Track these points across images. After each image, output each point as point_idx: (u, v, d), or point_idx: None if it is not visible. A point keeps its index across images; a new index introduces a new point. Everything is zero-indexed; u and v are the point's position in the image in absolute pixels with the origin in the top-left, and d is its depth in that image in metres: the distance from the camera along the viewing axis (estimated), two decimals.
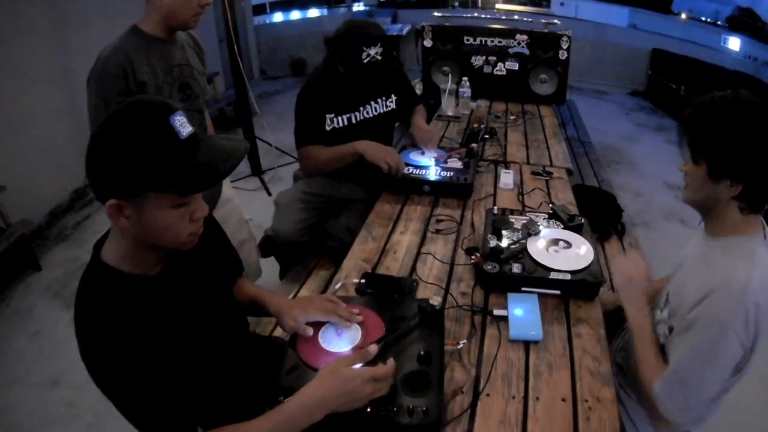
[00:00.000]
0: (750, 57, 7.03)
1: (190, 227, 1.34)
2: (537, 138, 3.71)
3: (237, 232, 2.95)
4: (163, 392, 1.27)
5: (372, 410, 1.40)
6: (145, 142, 1.20)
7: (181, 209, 1.29)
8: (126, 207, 1.23)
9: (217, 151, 1.30)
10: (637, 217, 4.80)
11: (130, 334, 1.24)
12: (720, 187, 1.54)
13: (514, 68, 4.48)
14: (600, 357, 1.74)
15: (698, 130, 1.57)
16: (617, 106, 8.33)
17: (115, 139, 1.20)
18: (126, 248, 1.33)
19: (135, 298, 1.31)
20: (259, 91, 8.56)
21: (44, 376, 3.12)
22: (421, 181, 2.74)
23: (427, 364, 1.53)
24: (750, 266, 1.48)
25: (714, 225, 1.66)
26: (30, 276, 4.12)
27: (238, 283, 1.84)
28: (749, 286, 1.44)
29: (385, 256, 2.26)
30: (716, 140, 1.51)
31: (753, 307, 1.44)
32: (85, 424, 2.71)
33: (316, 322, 1.67)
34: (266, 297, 1.77)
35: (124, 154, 1.19)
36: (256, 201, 5.06)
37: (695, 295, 1.56)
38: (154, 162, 1.20)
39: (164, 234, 1.30)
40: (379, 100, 3.03)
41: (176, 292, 1.42)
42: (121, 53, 2.16)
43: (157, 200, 1.24)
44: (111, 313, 1.26)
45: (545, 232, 2.18)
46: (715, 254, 1.62)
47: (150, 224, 1.27)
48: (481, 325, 1.87)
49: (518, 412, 1.54)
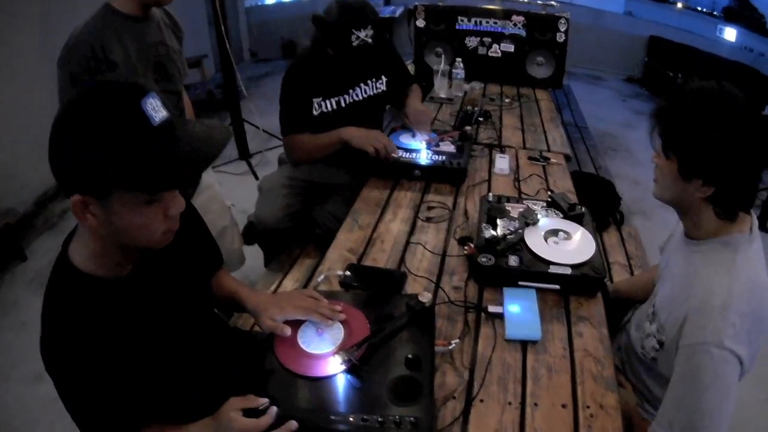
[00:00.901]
0: (746, 48, 6.99)
1: (165, 224, 1.23)
2: (533, 122, 3.62)
3: (218, 219, 2.86)
4: (106, 400, 1.23)
5: (354, 421, 1.29)
6: (112, 130, 1.08)
7: (154, 206, 1.18)
8: (92, 204, 1.12)
9: (195, 140, 1.19)
10: (634, 206, 4.71)
11: (87, 340, 1.19)
12: (691, 186, 1.44)
13: (510, 50, 4.38)
14: (603, 359, 1.64)
15: (672, 121, 1.46)
16: (614, 92, 8.29)
17: (78, 127, 1.08)
18: (94, 247, 1.24)
19: (99, 303, 1.23)
20: (250, 73, 8.45)
21: (29, 371, 3.02)
22: (411, 165, 2.64)
23: (416, 369, 1.43)
24: (731, 276, 1.41)
25: (691, 227, 1.57)
26: (15, 266, 4.01)
27: (217, 276, 1.77)
28: (732, 297, 1.37)
29: (371, 246, 2.16)
30: (690, 135, 1.41)
31: (741, 318, 1.36)
32: (70, 420, 2.57)
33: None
34: (244, 294, 1.69)
35: (88, 144, 1.07)
36: (242, 185, 4.98)
37: (678, 315, 1.48)
38: (121, 154, 1.08)
39: (135, 234, 1.20)
40: (369, 82, 2.92)
41: (147, 292, 1.34)
42: (92, 33, 2.05)
43: (126, 197, 1.13)
44: (70, 318, 1.20)
45: (544, 222, 2.07)
46: (695, 262, 1.53)
47: (119, 224, 1.16)
48: (474, 324, 1.77)
49: (515, 420, 1.44)
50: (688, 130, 1.40)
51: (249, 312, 1.65)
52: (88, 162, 1.07)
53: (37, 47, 4.42)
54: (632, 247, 3.18)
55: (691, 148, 1.41)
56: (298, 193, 2.89)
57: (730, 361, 1.35)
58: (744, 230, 1.47)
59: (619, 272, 2.93)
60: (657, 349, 1.60)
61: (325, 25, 2.58)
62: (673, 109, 1.45)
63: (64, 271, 1.25)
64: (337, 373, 1.42)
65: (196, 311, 1.55)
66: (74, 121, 1.09)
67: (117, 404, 1.24)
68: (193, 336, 1.47)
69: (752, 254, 1.44)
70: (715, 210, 1.46)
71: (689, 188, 1.45)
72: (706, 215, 1.48)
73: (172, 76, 2.37)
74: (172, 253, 1.40)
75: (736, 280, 1.39)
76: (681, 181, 1.45)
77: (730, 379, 1.36)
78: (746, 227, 1.47)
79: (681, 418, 1.40)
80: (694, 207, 1.49)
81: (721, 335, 1.34)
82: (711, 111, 1.38)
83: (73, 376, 1.20)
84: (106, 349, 1.20)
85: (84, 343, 1.19)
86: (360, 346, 1.46)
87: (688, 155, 1.42)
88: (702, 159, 1.39)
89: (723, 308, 1.36)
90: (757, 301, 1.39)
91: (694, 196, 1.45)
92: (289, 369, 1.44)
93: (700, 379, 1.36)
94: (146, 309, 1.32)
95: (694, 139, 1.39)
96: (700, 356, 1.36)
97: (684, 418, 1.39)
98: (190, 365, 1.44)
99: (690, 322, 1.41)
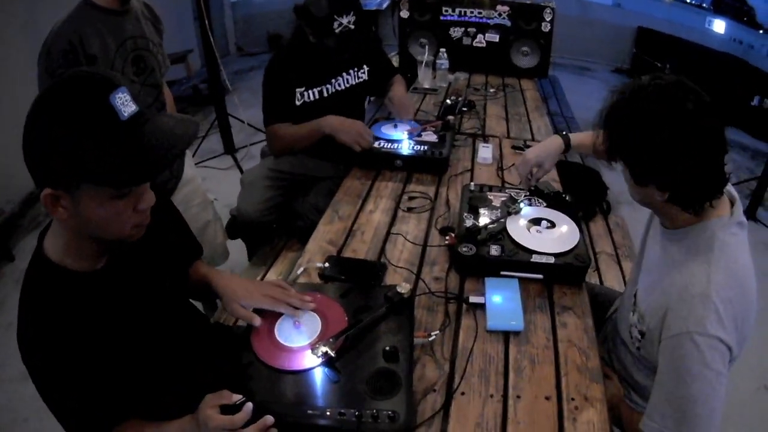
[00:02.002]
0: (735, 40, 6.98)
1: (134, 218, 1.24)
2: (518, 111, 3.59)
3: (201, 212, 2.85)
4: (83, 393, 1.24)
5: (331, 416, 1.27)
6: (81, 123, 1.08)
7: (123, 201, 1.18)
8: (63, 197, 1.13)
9: (163, 134, 1.18)
10: (622, 196, 4.64)
11: (62, 333, 1.21)
12: (648, 191, 1.41)
13: (495, 40, 4.34)
14: (587, 350, 1.61)
15: (613, 129, 1.41)
16: (601, 83, 8.23)
17: (48, 118, 1.09)
18: (67, 240, 1.25)
19: (74, 296, 1.24)
20: (236, 67, 8.43)
21: (18, 370, 2.93)
22: (392, 155, 2.61)
23: (393, 361, 1.40)
24: (708, 263, 1.37)
25: (666, 221, 1.54)
26: (3, 266, 3.98)
27: (194, 266, 1.75)
28: (711, 284, 1.34)
29: (352, 237, 2.13)
30: (629, 142, 1.37)
31: (723, 304, 1.32)
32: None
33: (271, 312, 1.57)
34: (213, 277, 1.67)
35: (58, 135, 1.08)
36: (227, 180, 4.95)
37: (658, 306, 1.46)
38: (89, 147, 1.08)
39: (105, 227, 1.21)
40: (351, 71, 2.91)
41: (122, 285, 1.34)
42: (70, 27, 2.05)
43: (94, 191, 1.13)
44: (45, 310, 1.22)
45: (527, 211, 2.05)
46: (672, 252, 1.50)
47: (88, 217, 1.17)
48: (455, 314, 1.74)
49: (497, 413, 1.41)
50: (628, 137, 1.36)
51: (218, 295, 1.64)
52: (58, 154, 1.08)
53: (23, 46, 4.35)
54: (619, 236, 3.17)
55: (634, 156, 1.38)
56: (280, 186, 2.88)
57: (718, 347, 1.31)
58: (722, 213, 1.42)
59: (607, 262, 2.92)
60: (640, 339, 1.57)
61: (305, 12, 2.57)
62: (613, 115, 1.40)
63: (39, 265, 1.25)
64: (314, 367, 1.40)
65: (174, 305, 1.55)
66: (45, 111, 1.10)
67: (95, 398, 1.25)
68: (171, 330, 1.47)
69: (730, 237, 1.40)
70: (681, 207, 1.42)
71: (647, 192, 1.41)
72: (675, 211, 1.44)
73: (152, 69, 2.36)
74: (147, 247, 1.40)
75: (715, 266, 1.35)
76: (638, 186, 1.43)
77: (719, 366, 1.32)
78: (725, 211, 1.43)
79: (673, 411, 1.36)
80: (661, 207, 1.46)
81: (705, 322, 1.31)
82: (645, 115, 1.32)
83: (50, 368, 1.20)
84: (83, 342, 1.21)
85: (60, 336, 1.20)
86: (337, 338, 1.43)
87: (633, 163, 1.39)
88: (648, 166, 1.36)
89: (704, 295, 1.33)
90: (739, 284, 1.36)
91: (655, 199, 1.42)
92: (266, 363, 1.42)
93: (688, 369, 1.33)
94: (121, 302, 1.32)
95: (635, 146, 1.35)
96: (686, 346, 1.33)
97: (676, 410, 1.35)
98: (169, 359, 1.44)
99: (671, 313, 1.38)
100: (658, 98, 1.31)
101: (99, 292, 1.28)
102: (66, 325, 1.21)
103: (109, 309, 1.28)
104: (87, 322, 1.23)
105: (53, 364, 1.20)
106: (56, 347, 1.20)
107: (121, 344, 1.28)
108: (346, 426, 1.26)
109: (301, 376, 1.39)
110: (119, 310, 1.31)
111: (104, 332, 1.25)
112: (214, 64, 4.98)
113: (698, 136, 1.29)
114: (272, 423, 1.24)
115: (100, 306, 1.27)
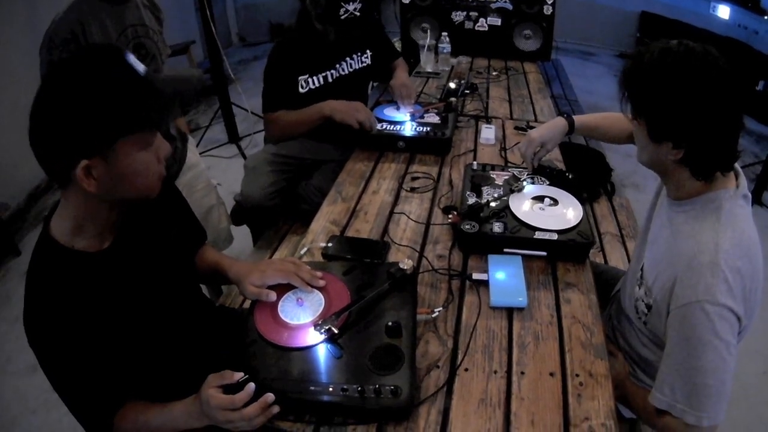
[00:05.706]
0: (740, 25, 6.93)
1: (159, 169, 1.31)
2: (521, 93, 3.57)
3: (205, 197, 2.89)
4: (89, 374, 1.27)
5: (334, 391, 1.27)
6: (108, 84, 1.16)
7: (150, 150, 1.26)
8: (96, 166, 1.17)
9: (173, 80, 1.32)
10: (627, 179, 4.70)
11: (67, 312, 1.23)
12: (663, 149, 1.40)
13: (497, 24, 4.33)
14: (592, 326, 1.60)
15: (636, 84, 1.41)
16: (605, 67, 8.21)
17: (72, 92, 1.13)
18: (75, 219, 1.27)
19: (80, 276, 1.27)
20: (238, 57, 8.45)
21: (25, 362, 3.04)
22: (395, 136, 2.60)
23: (396, 336, 1.40)
24: (716, 232, 1.36)
25: (673, 188, 1.53)
26: (9, 261, 3.98)
27: (200, 252, 1.79)
28: (719, 253, 1.32)
29: (355, 217, 2.13)
30: (655, 97, 1.36)
31: (732, 273, 1.31)
32: (65, 410, 2.58)
33: (278, 288, 1.57)
34: (225, 263, 1.70)
35: (87, 104, 1.12)
36: (232, 168, 4.97)
37: (665, 277, 1.44)
38: (120, 103, 1.16)
39: (135, 182, 1.26)
40: (354, 56, 2.91)
41: (126, 266, 1.36)
42: (72, 16, 2.08)
43: (126, 147, 1.19)
44: (52, 291, 1.24)
45: (529, 189, 2.04)
46: (679, 222, 1.49)
47: (123, 174, 1.22)
48: (459, 291, 1.73)
49: (501, 389, 1.40)
50: (653, 92, 1.36)
51: (231, 280, 1.65)
52: (92, 118, 1.13)
53: (23, 46, 4.36)
54: (624, 217, 3.16)
55: (657, 111, 1.37)
56: (284, 170, 2.88)
57: (727, 317, 1.30)
58: (729, 186, 1.42)
59: (611, 242, 2.91)
60: (646, 313, 1.56)
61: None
62: (637, 71, 1.40)
63: (46, 246, 1.27)
64: (317, 344, 1.39)
65: (180, 287, 1.57)
66: (67, 85, 1.14)
67: (100, 378, 1.28)
68: (176, 311, 1.50)
69: (737, 209, 1.39)
70: (691, 170, 1.41)
71: (661, 151, 1.41)
72: (684, 176, 1.44)
73: (153, 56, 2.38)
74: (152, 228, 1.45)
75: (723, 235, 1.34)
76: (652, 144, 1.42)
77: (729, 336, 1.31)
78: (731, 183, 1.43)
79: (683, 383, 1.35)
80: (671, 169, 1.45)
81: (715, 291, 1.30)
82: (675, 71, 1.32)
83: (56, 349, 1.24)
84: (88, 322, 1.24)
85: (65, 316, 1.22)
86: (340, 314, 1.43)
87: (654, 118, 1.39)
88: (669, 122, 1.36)
89: (713, 263, 1.31)
90: (746, 254, 1.34)
91: (667, 159, 1.41)
92: (269, 340, 1.42)
93: (698, 338, 1.31)
94: (126, 282, 1.34)
95: (659, 101, 1.35)
96: (696, 315, 1.31)
97: (686, 382, 1.35)
98: (174, 340, 1.47)
99: (680, 283, 1.37)
100: (688, 55, 1.32)
101: (105, 272, 1.30)
102: (72, 305, 1.23)
103: (114, 289, 1.30)
104: (93, 302, 1.25)
105: (59, 345, 1.23)
106: (62, 327, 1.22)
107: (126, 325, 1.31)
108: (349, 401, 1.26)
109: (305, 353, 1.38)
110: (124, 291, 1.33)
111: (110, 312, 1.28)
112: (217, 54, 4.99)
113: (726, 93, 1.30)
114: (273, 401, 1.24)
115: (106, 286, 1.29)
